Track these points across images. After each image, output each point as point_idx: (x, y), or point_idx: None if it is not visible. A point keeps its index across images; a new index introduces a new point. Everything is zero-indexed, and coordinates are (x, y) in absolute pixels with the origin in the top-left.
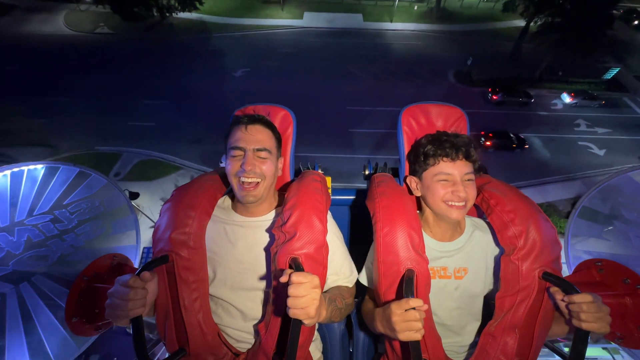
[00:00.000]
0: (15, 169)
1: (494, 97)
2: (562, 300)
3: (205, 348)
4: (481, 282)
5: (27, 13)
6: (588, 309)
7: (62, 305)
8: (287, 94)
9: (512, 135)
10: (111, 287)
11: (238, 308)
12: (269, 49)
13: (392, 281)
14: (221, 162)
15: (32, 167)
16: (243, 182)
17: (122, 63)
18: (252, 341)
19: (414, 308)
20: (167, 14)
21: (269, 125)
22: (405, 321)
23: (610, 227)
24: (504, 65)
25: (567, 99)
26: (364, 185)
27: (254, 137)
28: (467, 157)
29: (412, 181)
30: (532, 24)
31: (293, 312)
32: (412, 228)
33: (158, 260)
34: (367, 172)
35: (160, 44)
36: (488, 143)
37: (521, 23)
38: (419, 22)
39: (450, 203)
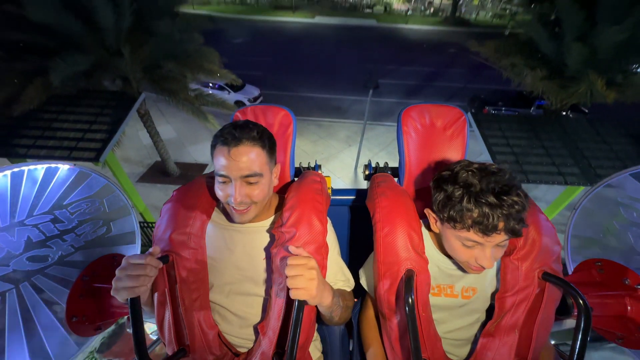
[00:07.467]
0: (16, 169)
1: None
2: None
3: (206, 348)
4: (488, 298)
5: None
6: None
7: (62, 305)
8: (292, 53)
9: None
10: (111, 287)
11: (235, 314)
12: (276, 32)
13: (392, 282)
14: None
15: (32, 167)
16: (234, 207)
17: None
18: (250, 346)
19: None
20: None
21: (256, 139)
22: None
23: (610, 227)
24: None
25: None
26: (364, 186)
27: (238, 165)
28: (509, 232)
29: (431, 217)
30: None
31: (294, 293)
32: (412, 228)
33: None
34: (367, 173)
35: None
36: None
37: None
38: (435, 25)
39: (471, 266)
